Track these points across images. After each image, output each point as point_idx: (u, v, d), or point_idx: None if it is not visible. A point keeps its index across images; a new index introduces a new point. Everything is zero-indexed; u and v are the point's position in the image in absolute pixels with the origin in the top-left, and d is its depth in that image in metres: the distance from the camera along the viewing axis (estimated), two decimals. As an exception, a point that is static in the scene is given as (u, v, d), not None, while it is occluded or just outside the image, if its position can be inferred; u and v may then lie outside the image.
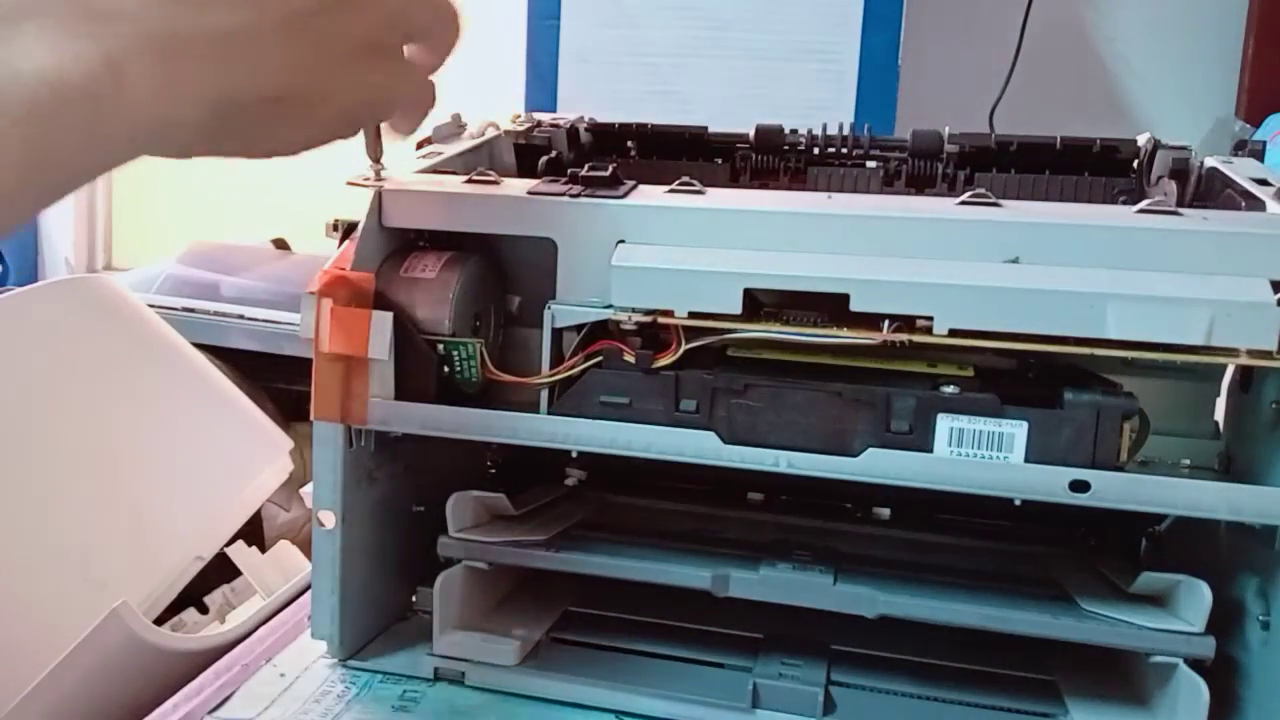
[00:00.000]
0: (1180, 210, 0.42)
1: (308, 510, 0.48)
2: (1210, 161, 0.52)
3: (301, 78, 0.34)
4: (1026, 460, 0.42)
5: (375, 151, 0.47)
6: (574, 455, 0.50)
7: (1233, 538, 0.45)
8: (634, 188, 0.47)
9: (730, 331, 0.45)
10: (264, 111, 0.34)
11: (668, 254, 0.44)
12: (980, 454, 0.43)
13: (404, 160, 0.52)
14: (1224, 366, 0.47)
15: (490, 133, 0.60)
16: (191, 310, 0.95)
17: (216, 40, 0.32)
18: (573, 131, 0.63)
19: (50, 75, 0.28)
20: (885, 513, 0.58)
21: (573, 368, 0.47)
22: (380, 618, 0.52)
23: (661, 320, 0.45)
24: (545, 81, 1.13)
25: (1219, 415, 0.50)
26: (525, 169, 0.61)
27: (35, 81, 0.28)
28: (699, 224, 0.45)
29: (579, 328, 0.47)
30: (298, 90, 0.34)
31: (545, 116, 0.64)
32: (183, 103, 0.31)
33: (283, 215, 1.23)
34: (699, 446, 0.45)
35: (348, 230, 0.48)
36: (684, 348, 0.45)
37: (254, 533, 0.75)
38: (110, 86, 0.29)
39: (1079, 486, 0.41)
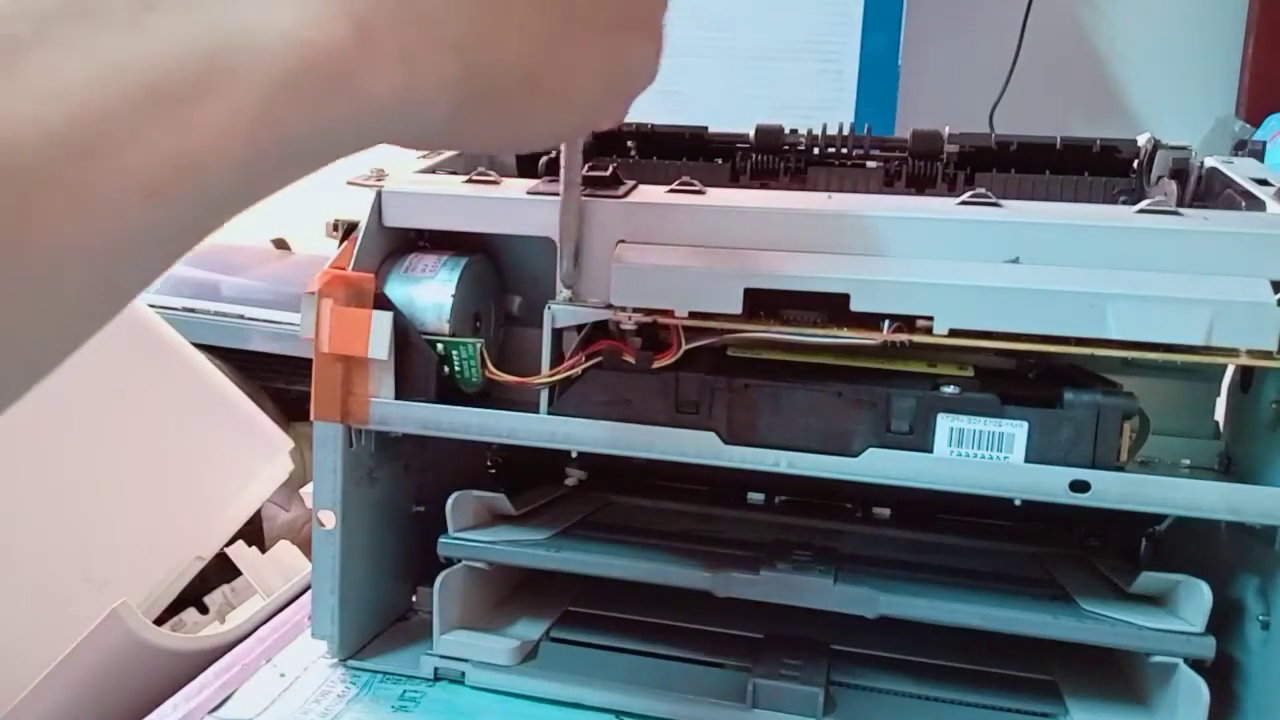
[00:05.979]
0: (1180, 210, 0.42)
1: (308, 510, 0.48)
2: (1210, 161, 0.52)
3: (558, 51, 0.29)
4: (1026, 460, 0.42)
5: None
6: (574, 455, 0.50)
7: (1233, 538, 0.45)
8: (634, 188, 0.47)
9: (730, 331, 0.45)
10: (515, 93, 0.29)
11: (668, 254, 0.44)
12: (980, 454, 0.43)
13: (404, 160, 0.52)
14: (1224, 366, 0.47)
15: (490, 133, 0.59)
16: (191, 310, 0.95)
17: (469, 5, 0.26)
18: (573, 131, 0.63)
19: (294, 44, 0.22)
20: (885, 513, 0.58)
21: (573, 368, 0.46)
22: (380, 618, 0.52)
23: (661, 320, 0.45)
24: (545, 81, 1.13)
25: (1219, 415, 0.50)
26: (525, 169, 0.61)
27: (276, 51, 0.22)
28: (699, 224, 0.45)
29: (579, 328, 0.47)
30: (553, 67, 0.29)
31: (545, 116, 0.64)
32: (429, 79, 0.26)
33: (282, 215, 1.23)
34: (699, 446, 0.45)
35: (348, 230, 0.48)
36: (684, 348, 0.45)
37: (254, 533, 0.75)
38: (357, 58, 0.23)
39: (1079, 486, 0.41)
